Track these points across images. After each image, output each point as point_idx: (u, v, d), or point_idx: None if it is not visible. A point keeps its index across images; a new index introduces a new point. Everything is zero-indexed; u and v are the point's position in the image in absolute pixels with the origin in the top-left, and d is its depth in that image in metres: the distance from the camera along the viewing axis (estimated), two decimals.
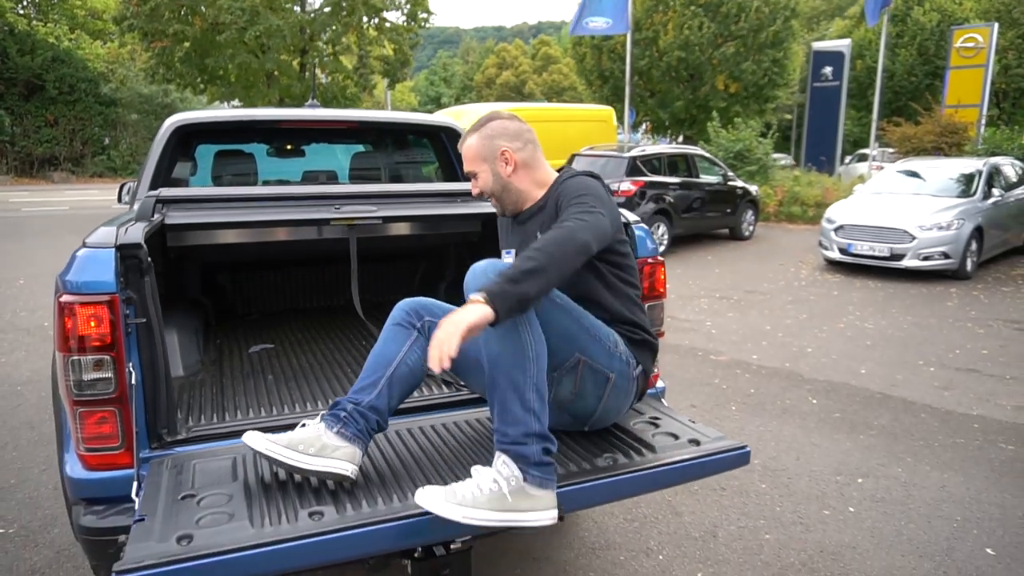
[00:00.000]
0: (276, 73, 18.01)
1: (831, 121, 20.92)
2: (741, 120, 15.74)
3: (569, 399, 1.80)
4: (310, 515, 1.42)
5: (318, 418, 1.72)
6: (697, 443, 1.79)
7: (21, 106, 22.83)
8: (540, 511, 1.54)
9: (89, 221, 2.52)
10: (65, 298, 1.61)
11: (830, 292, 7.88)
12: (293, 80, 18.02)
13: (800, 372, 5.09)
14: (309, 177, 3.70)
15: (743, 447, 1.78)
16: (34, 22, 24.78)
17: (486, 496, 1.51)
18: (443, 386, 2.26)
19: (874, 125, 15.69)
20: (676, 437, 1.84)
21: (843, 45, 21.20)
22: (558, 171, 2.04)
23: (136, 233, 1.73)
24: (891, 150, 16.90)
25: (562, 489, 1.56)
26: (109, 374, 1.63)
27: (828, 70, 21.03)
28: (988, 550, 2.81)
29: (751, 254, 10.59)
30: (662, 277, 2.24)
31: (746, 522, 3.04)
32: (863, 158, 21.99)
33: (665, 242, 10.21)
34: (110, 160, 24.58)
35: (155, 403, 1.73)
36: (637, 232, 2.20)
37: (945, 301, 7.39)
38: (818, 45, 22.22)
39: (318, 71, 19.42)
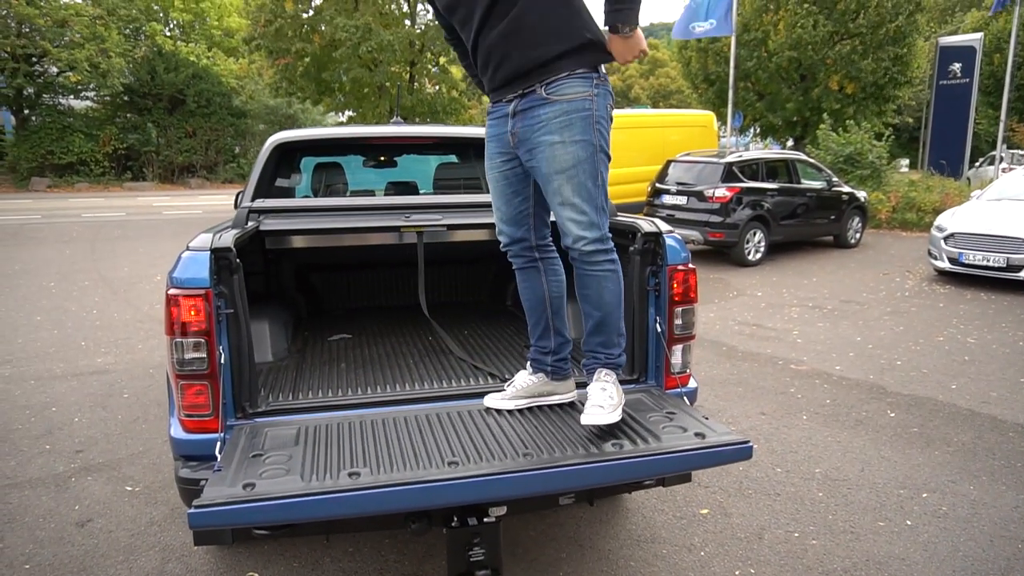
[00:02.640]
0: (387, 85, 18.99)
1: (959, 122, 19.48)
2: (853, 122, 15.01)
3: None
4: (349, 475, 1.70)
5: (529, 369, 2.38)
6: (703, 436, 1.93)
7: (165, 119, 25.27)
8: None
9: (217, 222, 2.96)
10: (172, 291, 1.99)
11: (935, 304, 7.49)
12: (403, 92, 18.93)
13: (884, 385, 4.95)
14: (391, 187, 4.07)
15: (745, 442, 1.90)
16: (178, 43, 27.35)
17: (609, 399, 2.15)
18: (489, 379, 2.52)
19: (1002, 125, 14.52)
20: (685, 430, 1.99)
21: (974, 39, 19.70)
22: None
23: (228, 239, 2.09)
24: (1022, 152, 15.56)
25: (568, 468, 1.77)
26: (204, 354, 1.99)
27: (957, 66, 19.61)
28: None
29: (855, 262, 10.17)
30: (694, 283, 2.37)
31: (795, 527, 3.09)
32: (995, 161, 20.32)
33: (762, 249, 10.00)
34: (239, 167, 26.72)
35: (240, 380, 2.09)
36: (668, 241, 2.35)
37: None
38: (945, 40, 20.75)
39: (426, 81, 20.28)
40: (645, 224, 2.41)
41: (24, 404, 4.61)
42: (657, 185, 10.58)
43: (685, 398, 2.36)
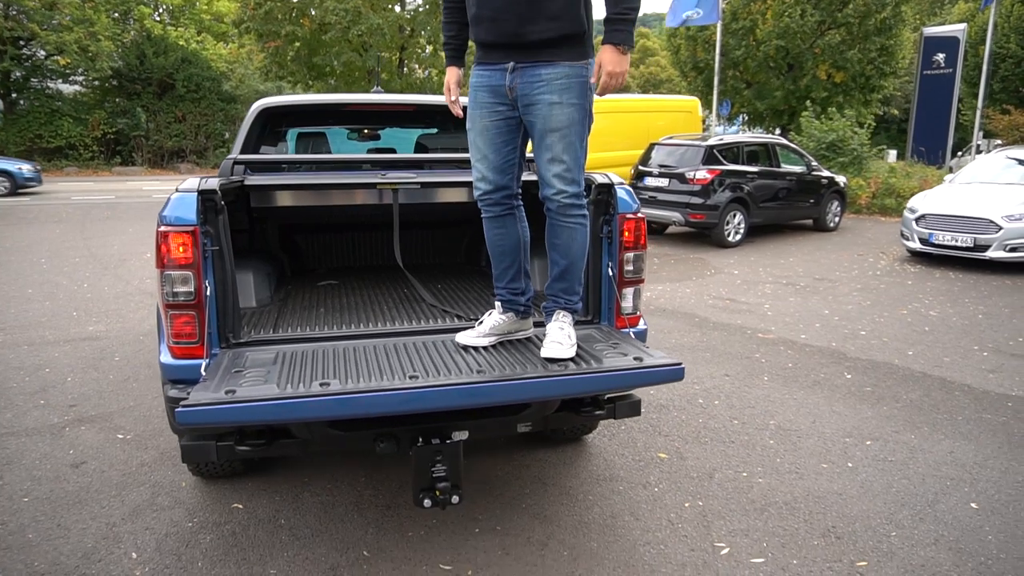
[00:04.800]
0: (378, 69, 19.09)
1: (942, 111, 19.75)
2: (834, 110, 15.25)
3: None
4: (320, 384, 1.91)
5: (499, 308, 2.51)
6: (640, 359, 2.15)
7: (155, 104, 25.25)
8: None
9: None
10: (162, 228, 2.19)
11: (904, 281, 7.75)
12: (393, 76, 19.05)
13: (844, 351, 5.19)
14: (372, 153, 4.25)
15: (678, 364, 2.11)
16: (167, 27, 27.27)
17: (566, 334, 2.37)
18: (456, 319, 2.73)
19: (978, 113, 14.79)
20: (625, 355, 2.21)
21: (958, 30, 19.95)
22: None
23: (213, 182, 2.29)
24: (998, 141, 15.87)
25: (515, 382, 1.99)
26: (191, 288, 2.19)
27: (940, 57, 19.87)
28: (972, 504, 2.97)
29: (832, 244, 10.42)
30: (643, 231, 2.58)
31: (744, 468, 3.32)
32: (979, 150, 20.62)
33: (742, 231, 10.22)
34: (228, 153, 26.76)
35: (224, 313, 2.29)
36: (619, 193, 2.56)
37: None
38: (930, 30, 20.98)
39: (416, 66, 20.38)
40: (599, 177, 2.61)
41: (18, 366, 4.78)
42: (640, 168, 10.78)
43: (632, 335, 2.57)
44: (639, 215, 2.58)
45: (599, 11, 2.28)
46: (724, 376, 4.62)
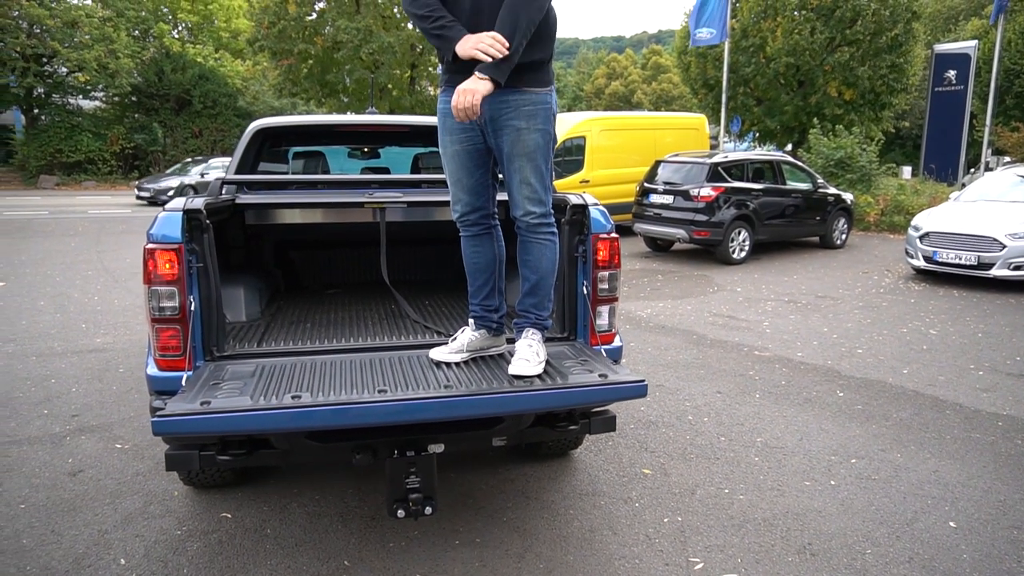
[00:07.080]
0: (389, 86, 19.37)
1: (954, 128, 19.73)
2: (842, 127, 15.26)
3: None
4: (292, 397, 1.99)
5: (472, 325, 2.60)
6: (605, 376, 2.21)
7: (172, 119, 25.76)
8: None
9: None
10: (149, 246, 2.28)
11: (907, 300, 7.73)
12: (404, 93, 19.31)
13: (839, 369, 5.20)
14: (366, 173, 4.36)
15: (640, 381, 2.17)
16: (186, 44, 27.82)
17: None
18: (436, 335, 2.81)
19: (987, 130, 14.73)
20: (591, 372, 2.27)
21: (969, 47, 19.95)
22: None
23: (199, 202, 2.39)
24: (1007, 158, 15.79)
25: (479, 397, 2.05)
26: (176, 303, 2.28)
27: (952, 73, 19.89)
28: (951, 523, 2.99)
29: (838, 262, 10.40)
30: (616, 250, 2.65)
31: (727, 485, 3.35)
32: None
33: (747, 248, 10.24)
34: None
35: (209, 327, 2.38)
36: (593, 213, 2.64)
37: None
38: (941, 47, 20.99)
39: (427, 84, 20.64)
40: (574, 198, 2.69)
41: (25, 376, 4.91)
42: (645, 185, 10.85)
43: (604, 352, 2.62)
44: (612, 235, 2.65)
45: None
46: (716, 393, 4.65)
